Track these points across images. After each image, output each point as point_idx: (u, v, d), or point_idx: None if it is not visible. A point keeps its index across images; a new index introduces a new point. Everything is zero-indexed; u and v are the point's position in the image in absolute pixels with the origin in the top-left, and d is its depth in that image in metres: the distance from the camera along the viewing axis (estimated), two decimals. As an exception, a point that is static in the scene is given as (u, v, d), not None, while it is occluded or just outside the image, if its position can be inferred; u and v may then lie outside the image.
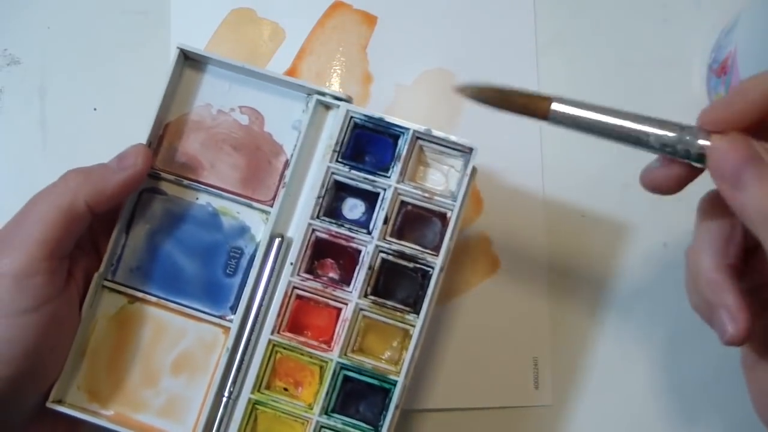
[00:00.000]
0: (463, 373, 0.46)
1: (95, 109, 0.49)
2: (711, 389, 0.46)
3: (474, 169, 0.38)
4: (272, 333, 0.38)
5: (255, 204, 0.40)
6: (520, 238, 0.47)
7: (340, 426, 0.38)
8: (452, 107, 0.48)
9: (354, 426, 0.38)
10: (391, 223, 0.38)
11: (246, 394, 0.38)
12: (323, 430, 0.38)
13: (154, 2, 0.49)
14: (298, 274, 0.39)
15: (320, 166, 0.39)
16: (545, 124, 0.31)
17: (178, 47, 0.39)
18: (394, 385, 0.37)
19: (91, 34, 0.49)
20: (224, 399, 0.38)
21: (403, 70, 0.48)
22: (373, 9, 0.49)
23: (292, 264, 0.38)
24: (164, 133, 0.40)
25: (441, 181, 0.40)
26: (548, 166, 0.47)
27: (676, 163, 0.31)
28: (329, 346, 0.38)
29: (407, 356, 0.38)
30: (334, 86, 0.48)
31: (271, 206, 0.39)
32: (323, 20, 0.49)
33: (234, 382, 0.38)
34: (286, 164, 0.40)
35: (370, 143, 0.39)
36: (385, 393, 0.38)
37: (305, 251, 0.39)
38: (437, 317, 0.46)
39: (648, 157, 0.32)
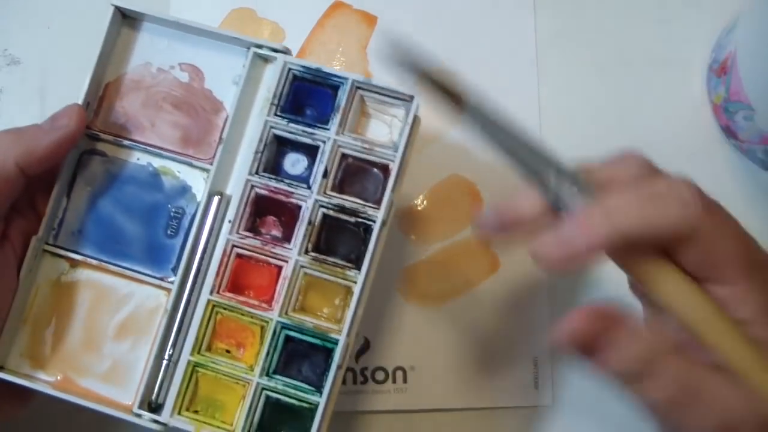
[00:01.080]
0: (463, 373, 0.45)
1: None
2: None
3: (416, 118, 0.37)
4: (211, 293, 0.37)
5: (195, 162, 0.39)
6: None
7: (281, 387, 0.36)
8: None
9: (296, 387, 0.36)
10: (331, 176, 0.37)
11: (186, 356, 0.37)
12: (264, 391, 0.36)
13: (154, 2, 0.48)
14: (237, 232, 0.37)
15: (258, 120, 0.37)
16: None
17: (112, 5, 0.38)
18: (336, 344, 0.36)
19: (91, 34, 0.49)
20: (164, 362, 0.37)
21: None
22: (373, 9, 0.48)
23: (230, 222, 0.37)
24: (104, 94, 0.39)
25: (385, 132, 0.38)
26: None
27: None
28: (270, 306, 0.37)
29: (349, 314, 0.36)
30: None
31: (211, 164, 0.38)
32: (323, 20, 0.48)
33: (174, 345, 0.37)
34: (227, 121, 0.38)
35: (310, 95, 0.38)
36: (328, 353, 0.36)
37: (244, 208, 0.37)
38: (437, 317, 0.46)
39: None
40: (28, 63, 0.49)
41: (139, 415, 0.37)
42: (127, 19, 0.39)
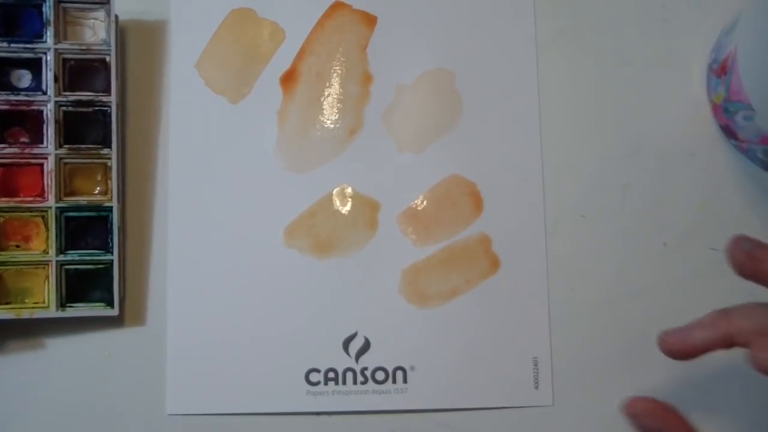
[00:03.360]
0: (463, 373, 0.46)
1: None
2: (713, 389, 0.45)
3: (116, 17, 0.45)
4: (-15, 202, 0.43)
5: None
6: (520, 238, 0.46)
7: (77, 258, 0.44)
8: (452, 107, 0.48)
9: (88, 255, 0.44)
10: (60, 79, 0.44)
11: (-18, 259, 0.43)
12: (63, 267, 0.44)
13: (154, 2, 0.48)
14: (-8, 146, 0.43)
15: (-22, 47, 0.43)
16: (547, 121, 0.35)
17: None
18: (111, 210, 0.44)
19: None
20: (-36, 270, 0.43)
21: (403, 70, 0.48)
22: (373, 9, 0.48)
23: (-19, 140, 0.43)
24: None
25: (90, 34, 0.45)
26: (548, 166, 0.47)
27: None
28: (43, 198, 0.44)
29: (113, 184, 0.44)
30: (335, 86, 0.48)
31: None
32: (323, 20, 0.48)
33: (-32, 253, 0.43)
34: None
35: (20, 17, 0.44)
36: (105, 220, 0.44)
37: (-12, 126, 0.43)
38: (437, 317, 0.46)
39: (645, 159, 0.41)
40: None
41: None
42: None
